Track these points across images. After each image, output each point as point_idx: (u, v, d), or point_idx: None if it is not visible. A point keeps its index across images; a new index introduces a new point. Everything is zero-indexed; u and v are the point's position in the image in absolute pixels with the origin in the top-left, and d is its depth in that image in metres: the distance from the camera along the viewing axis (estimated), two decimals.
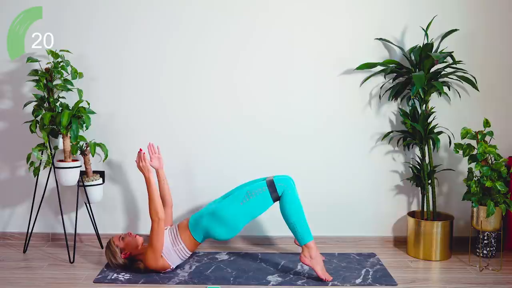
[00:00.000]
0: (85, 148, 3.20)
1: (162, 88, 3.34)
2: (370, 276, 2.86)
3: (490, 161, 3.02)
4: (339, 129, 3.37)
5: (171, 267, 2.86)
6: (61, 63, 3.09)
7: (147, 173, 2.85)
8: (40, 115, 3.06)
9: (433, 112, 3.24)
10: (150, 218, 2.80)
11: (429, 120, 3.23)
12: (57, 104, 3.09)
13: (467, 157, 3.06)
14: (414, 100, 3.24)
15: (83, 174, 3.21)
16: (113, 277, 2.81)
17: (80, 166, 3.11)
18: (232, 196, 2.86)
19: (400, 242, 3.43)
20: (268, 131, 3.36)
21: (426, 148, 3.28)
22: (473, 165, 3.09)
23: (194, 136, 3.37)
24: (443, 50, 3.23)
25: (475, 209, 3.04)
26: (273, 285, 2.74)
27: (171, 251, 2.84)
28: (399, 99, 3.34)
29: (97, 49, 3.30)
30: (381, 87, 3.34)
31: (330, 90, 3.34)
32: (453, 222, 3.21)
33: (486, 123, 3.04)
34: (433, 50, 3.16)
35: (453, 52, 3.19)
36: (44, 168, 3.14)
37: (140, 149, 2.89)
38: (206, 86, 3.34)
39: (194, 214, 2.94)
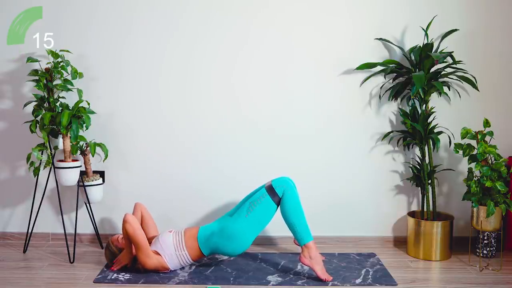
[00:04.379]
0: (85, 148, 3.20)
1: (162, 88, 3.34)
2: (370, 276, 2.86)
3: (490, 161, 3.02)
4: (339, 129, 3.37)
5: (170, 269, 2.86)
6: (61, 63, 3.09)
7: (132, 237, 2.76)
8: (40, 115, 3.06)
9: (433, 112, 3.24)
10: (125, 228, 2.76)
11: (429, 120, 3.23)
12: (57, 104, 3.09)
13: (467, 157, 3.06)
14: (414, 100, 3.24)
15: (83, 174, 3.21)
16: (113, 277, 2.81)
17: (80, 166, 3.11)
18: (237, 212, 2.86)
19: (400, 242, 3.43)
20: (268, 131, 3.36)
21: (426, 148, 3.28)
22: (473, 165, 3.09)
23: (193, 136, 3.36)
24: (443, 50, 3.23)
25: (475, 209, 3.04)
26: (273, 285, 2.73)
27: (173, 255, 2.83)
28: (399, 99, 3.34)
29: (97, 49, 3.30)
30: (381, 87, 3.34)
31: (330, 90, 3.34)
32: (453, 222, 3.21)
33: (486, 123, 3.04)
34: (433, 50, 3.16)
35: (453, 52, 3.19)
36: (44, 168, 3.14)
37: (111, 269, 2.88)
38: (206, 86, 3.34)
39: (204, 228, 2.89)
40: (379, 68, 3.28)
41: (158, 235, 2.96)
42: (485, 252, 3.17)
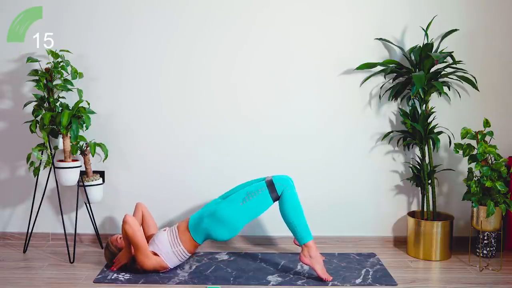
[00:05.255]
0: (85, 148, 3.20)
1: (162, 88, 3.34)
2: (370, 276, 2.86)
3: (490, 161, 3.02)
4: (339, 129, 3.37)
5: (169, 267, 2.86)
6: (61, 63, 3.09)
7: (132, 238, 2.76)
8: (40, 115, 3.06)
9: (433, 112, 3.24)
10: (125, 229, 2.76)
11: (429, 120, 3.23)
12: (57, 104, 3.09)
13: (467, 157, 3.06)
14: (414, 100, 3.24)
15: (83, 174, 3.21)
16: (113, 277, 2.81)
17: (80, 166, 3.12)
18: (231, 197, 2.86)
19: (400, 242, 3.43)
20: (267, 131, 3.36)
21: (426, 148, 3.28)
22: (473, 165, 3.09)
23: (193, 136, 3.36)
24: (443, 50, 3.23)
25: (475, 209, 3.04)
26: (273, 285, 2.74)
27: (170, 253, 2.83)
28: (399, 99, 3.34)
29: (97, 49, 3.30)
30: (381, 87, 3.34)
31: (330, 90, 3.34)
32: (453, 222, 3.21)
33: (486, 123, 3.04)
34: (433, 50, 3.16)
35: (453, 52, 3.19)
36: (44, 168, 3.14)
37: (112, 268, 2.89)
38: (206, 86, 3.34)
39: (194, 215, 2.92)
40: (379, 68, 3.28)
41: (154, 235, 2.96)
42: (485, 252, 3.17)
